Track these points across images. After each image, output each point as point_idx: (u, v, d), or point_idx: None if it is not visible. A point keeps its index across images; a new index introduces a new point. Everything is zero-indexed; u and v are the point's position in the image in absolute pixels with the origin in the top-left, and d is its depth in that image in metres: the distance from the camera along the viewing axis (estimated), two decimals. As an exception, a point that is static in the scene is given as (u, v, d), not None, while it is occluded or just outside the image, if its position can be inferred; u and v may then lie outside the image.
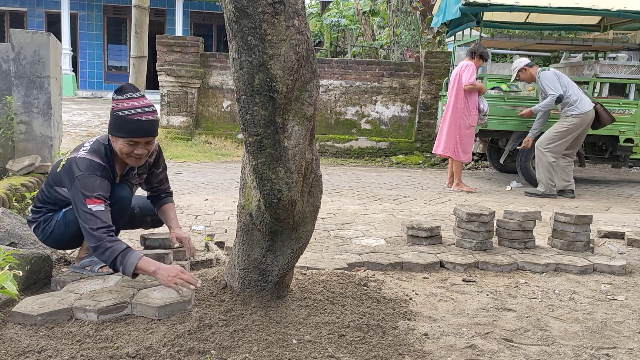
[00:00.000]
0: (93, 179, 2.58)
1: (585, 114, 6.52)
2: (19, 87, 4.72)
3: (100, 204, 2.54)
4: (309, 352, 2.17)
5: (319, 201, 2.48)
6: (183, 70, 10.01)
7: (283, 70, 2.00)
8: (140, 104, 2.62)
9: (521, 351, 2.37)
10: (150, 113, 2.63)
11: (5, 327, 2.26)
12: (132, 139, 2.62)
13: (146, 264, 2.45)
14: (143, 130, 2.62)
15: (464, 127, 6.79)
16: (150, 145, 2.71)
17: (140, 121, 2.59)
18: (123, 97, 2.62)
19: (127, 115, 2.58)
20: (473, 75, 6.66)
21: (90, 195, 2.54)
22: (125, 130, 2.61)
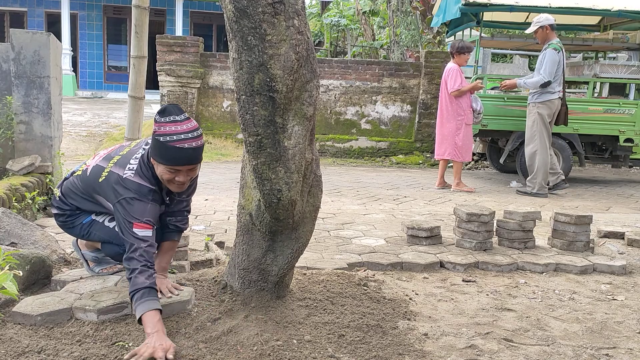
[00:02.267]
0: (143, 204, 2.41)
1: (551, 102, 6.52)
2: (19, 87, 4.72)
3: (149, 230, 2.39)
4: (309, 352, 2.17)
5: (319, 201, 2.48)
6: (183, 70, 10.01)
7: (283, 70, 2.00)
8: (184, 128, 2.37)
9: (521, 351, 2.37)
10: (194, 139, 2.37)
11: (5, 327, 2.26)
12: (173, 167, 2.40)
13: (149, 320, 2.18)
14: (186, 158, 2.38)
15: (462, 128, 6.80)
16: (193, 171, 2.49)
17: (182, 149, 2.34)
18: (166, 119, 2.38)
19: (169, 141, 2.34)
20: (457, 80, 6.67)
21: (140, 219, 2.38)
22: (166, 157, 2.38)
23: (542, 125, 6.54)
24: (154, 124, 2.41)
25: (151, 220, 2.40)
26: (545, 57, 6.48)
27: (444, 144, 6.92)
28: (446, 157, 6.95)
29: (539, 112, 6.53)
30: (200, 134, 2.42)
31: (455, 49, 6.81)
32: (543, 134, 6.57)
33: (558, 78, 6.52)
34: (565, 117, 6.68)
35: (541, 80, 6.42)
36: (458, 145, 6.82)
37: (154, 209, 2.45)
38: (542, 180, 6.66)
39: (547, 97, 6.52)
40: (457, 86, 6.66)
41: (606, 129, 7.48)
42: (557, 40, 6.61)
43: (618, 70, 7.86)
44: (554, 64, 6.42)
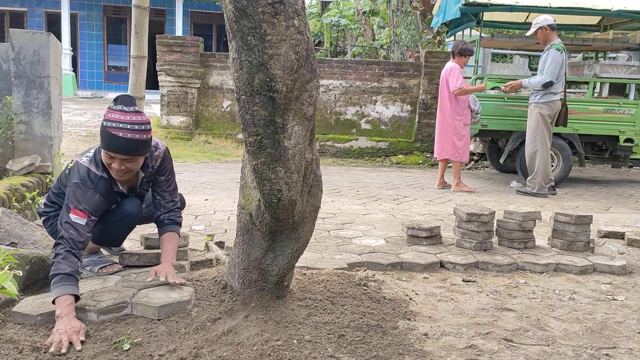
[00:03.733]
0: (84, 190, 2.53)
1: (553, 102, 6.54)
2: (18, 87, 4.72)
3: (83, 218, 2.48)
4: (309, 352, 2.17)
5: (319, 201, 2.48)
6: (183, 70, 10.01)
7: (283, 70, 2.00)
8: (127, 119, 2.48)
9: (521, 351, 2.37)
10: (132, 131, 2.47)
11: (5, 327, 2.26)
12: (107, 152, 2.52)
13: (60, 303, 2.27)
14: (118, 146, 2.48)
15: (460, 128, 6.79)
16: (131, 163, 2.57)
17: (117, 137, 2.45)
18: (116, 107, 2.50)
19: (108, 126, 2.47)
20: (459, 79, 6.65)
21: (77, 206, 2.50)
22: (103, 141, 2.51)
23: (544, 125, 6.54)
24: (107, 109, 2.54)
25: (87, 209, 2.51)
26: (548, 57, 6.46)
27: (442, 144, 6.93)
28: (444, 156, 6.95)
29: (540, 112, 6.52)
30: (145, 129, 2.53)
31: (457, 50, 6.78)
32: (544, 135, 6.56)
33: (561, 79, 6.53)
34: (564, 117, 6.68)
35: (543, 81, 6.40)
36: (456, 145, 6.82)
37: (94, 199, 2.54)
38: (542, 181, 6.65)
39: (549, 97, 6.51)
40: (459, 84, 6.64)
41: (606, 129, 7.48)
42: (558, 40, 6.62)
43: (618, 70, 7.86)
44: (557, 65, 6.40)
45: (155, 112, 12.68)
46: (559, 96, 6.57)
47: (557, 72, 6.40)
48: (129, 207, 2.77)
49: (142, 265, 2.97)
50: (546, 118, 6.53)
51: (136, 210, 2.80)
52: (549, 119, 6.55)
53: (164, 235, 2.78)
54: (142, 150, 2.56)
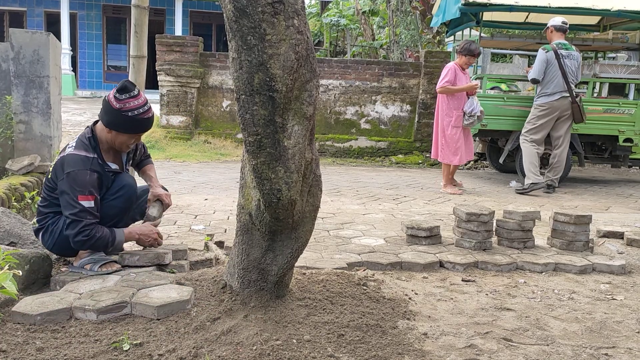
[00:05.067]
0: (83, 174, 2.70)
1: (542, 105, 6.77)
2: (18, 87, 4.72)
3: (91, 200, 2.70)
4: (309, 352, 2.17)
5: (319, 201, 2.48)
6: (182, 70, 10.01)
7: (282, 69, 2.00)
8: (141, 102, 2.84)
9: (520, 351, 2.37)
10: (149, 110, 2.88)
11: (5, 327, 2.26)
12: (136, 135, 2.90)
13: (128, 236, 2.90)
14: (146, 126, 2.90)
15: (447, 129, 6.65)
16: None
17: (145, 119, 2.85)
18: (126, 96, 2.80)
19: (137, 115, 2.80)
20: (445, 77, 6.55)
21: (83, 191, 2.67)
22: (130, 128, 2.84)
23: (535, 120, 6.85)
24: (114, 100, 2.79)
25: (92, 191, 2.72)
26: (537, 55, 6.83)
27: (434, 143, 6.94)
28: (433, 156, 6.96)
29: (534, 112, 6.88)
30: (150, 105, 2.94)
31: (459, 48, 6.70)
32: (536, 132, 6.86)
33: (553, 79, 6.63)
34: (579, 114, 6.76)
35: (529, 77, 6.90)
36: (444, 145, 6.71)
37: (93, 179, 2.75)
38: (529, 172, 6.84)
39: (542, 100, 6.80)
40: (441, 83, 6.58)
41: (606, 129, 7.49)
42: (558, 41, 6.71)
43: (617, 70, 7.86)
44: (539, 63, 6.73)
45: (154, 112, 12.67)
46: (555, 97, 6.69)
47: (538, 70, 6.71)
48: (125, 179, 2.96)
49: (141, 266, 2.97)
50: (537, 118, 6.82)
51: (131, 181, 3.00)
52: (547, 117, 6.77)
53: (146, 167, 3.28)
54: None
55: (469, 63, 6.68)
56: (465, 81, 6.60)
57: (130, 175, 3.07)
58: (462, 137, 6.66)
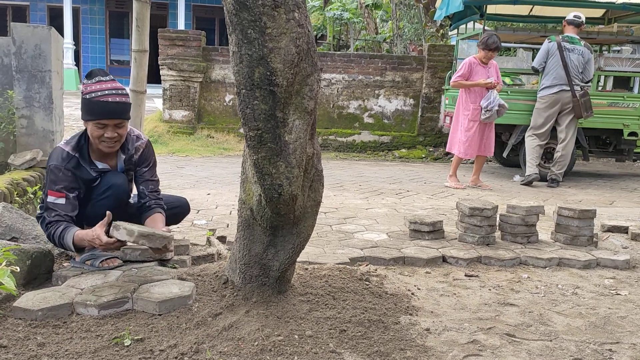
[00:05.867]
0: (57, 171, 2.65)
1: (543, 97, 6.85)
2: (20, 82, 4.71)
3: (61, 197, 2.64)
4: (310, 347, 2.16)
5: (320, 196, 2.47)
6: (185, 64, 9.99)
7: (283, 63, 1.98)
8: (109, 86, 2.65)
9: (524, 346, 2.36)
10: (118, 95, 2.65)
11: (6, 322, 2.26)
12: (99, 121, 2.64)
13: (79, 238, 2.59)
14: (110, 111, 2.63)
15: (464, 122, 6.61)
16: (121, 129, 2.72)
17: (107, 102, 2.61)
18: (92, 80, 2.66)
19: (94, 97, 2.61)
20: (459, 71, 6.53)
21: (53, 187, 2.63)
22: (92, 112, 2.64)
23: (536, 116, 6.93)
24: (82, 85, 2.67)
25: (63, 188, 2.64)
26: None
27: (451, 137, 6.87)
28: (451, 150, 6.88)
29: (536, 105, 6.97)
30: (126, 93, 2.71)
31: (479, 42, 6.62)
32: (535, 125, 6.94)
33: (553, 70, 6.65)
34: (579, 110, 6.71)
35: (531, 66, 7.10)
36: (461, 140, 6.66)
37: (67, 176, 2.66)
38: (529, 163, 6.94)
39: (543, 92, 6.89)
40: (454, 77, 6.59)
41: (610, 123, 7.45)
42: (565, 34, 6.77)
43: (622, 63, 7.81)
44: (541, 52, 6.88)
45: (157, 107, 12.67)
46: (554, 90, 6.73)
47: (539, 59, 6.88)
48: (113, 178, 2.82)
49: (143, 261, 2.96)
50: (540, 111, 6.89)
51: (120, 181, 2.85)
52: (543, 112, 6.85)
53: (153, 215, 2.89)
54: (129, 112, 2.73)
55: (487, 57, 6.51)
56: (484, 75, 6.48)
57: (119, 174, 2.88)
58: (478, 131, 6.55)
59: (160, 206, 2.96)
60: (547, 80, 6.79)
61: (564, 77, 6.63)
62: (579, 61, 6.67)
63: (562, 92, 6.67)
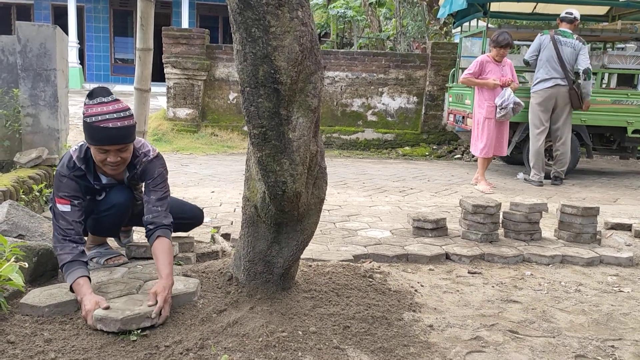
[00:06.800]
0: (62, 178, 2.56)
1: (543, 91, 6.75)
2: (25, 80, 4.73)
3: (66, 205, 2.52)
4: (314, 344, 2.18)
5: (324, 193, 2.49)
6: (189, 62, 10.01)
7: (287, 61, 2.00)
8: (110, 109, 2.48)
9: (526, 343, 2.37)
10: (119, 119, 2.47)
11: (13, 319, 2.28)
12: (101, 147, 2.50)
13: (77, 289, 2.34)
14: (111, 137, 2.47)
15: (480, 121, 6.48)
16: (125, 152, 2.57)
17: (107, 128, 2.45)
18: (93, 101, 2.50)
19: (94, 122, 2.45)
20: (469, 69, 6.47)
21: (58, 194, 2.55)
22: (93, 138, 2.49)
23: (532, 114, 6.88)
24: (84, 106, 2.52)
25: (67, 195, 2.53)
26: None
27: (472, 138, 6.78)
28: (473, 151, 6.81)
29: (531, 101, 6.87)
30: (129, 115, 2.53)
31: (490, 40, 6.53)
32: (534, 123, 6.88)
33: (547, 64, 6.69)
34: (577, 100, 6.73)
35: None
36: (479, 140, 6.53)
37: (71, 185, 2.56)
38: (534, 168, 6.90)
39: (537, 87, 6.83)
40: (464, 74, 6.54)
41: (614, 120, 7.43)
42: (559, 29, 6.80)
43: (626, 60, 7.79)
44: (533, 45, 6.90)
45: (161, 105, 12.70)
46: (548, 84, 6.69)
47: (530, 51, 6.88)
48: (117, 197, 2.75)
49: (148, 257, 2.98)
50: (535, 107, 6.82)
51: (124, 200, 2.76)
52: (539, 107, 6.79)
53: (154, 246, 2.55)
54: (132, 135, 2.58)
55: (499, 54, 6.39)
56: (498, 73, 6.38)
57: (123, 191, 2.78)
58: (494, 129, 6.42)
59: (163, 227, 2.62)
60: (541, 74, 6.74)
61: (559, 70, 6.60)
62: (572, 54, 6.63)
63: (558, 86, 6.63)
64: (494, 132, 6.45)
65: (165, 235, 2.58)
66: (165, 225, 2.62)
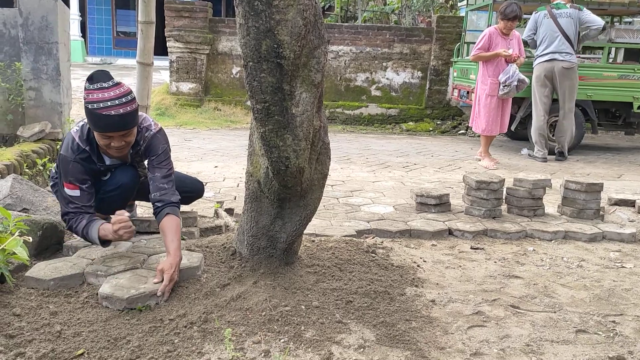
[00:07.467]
0: (67, 162, 2.55)
1: (539, 65, 6.74)
2: (27, 53, 4.71)
3: (75, 190, 2.56)
4: (317, 318, 2.20)
5: (327, 168, 2.48)
6: (192, 36, 9.92)
7: (290, 36, 1.98)
8: (111, 95, 2.41)
9: (528, 317, 2.39)
10: (121, 105, 2.41)
11: (19, 292, 2.30)
12: (104, 133, 2.46)
13: (104, 233, 2.52)
14: (114, 124, 2.42)
15: (482, 97, 6.37)
16: (128, 137, 2.54)
17: (109, 116, 2.39)
18: (93, 86, 2.43)
19: (96, 109, 2.39)
20: (478, 44, 6.30)
21: (65, 178, 2.56)
22: (96, 125, 2.45)
23: (534, 87, 6.83)
24: (84, 91, 2.46)
25: (75, 180, 2.55)
26: None
27: (472, 114, 6.70)
28: (473, 127, 6.74)
29: (532, 77, 6.82)
30: (131, 99, 2.48)
31: (499, 12, 6.35)
32: (534, 98, 6.87)
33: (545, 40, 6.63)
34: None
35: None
36: (480, 116, 6.43)
37: (77, 169, 2.56)
38: (537, 144, 6.89)
39: (536, 61, 6.82)
40: (473, 50, 6.38)
41: (620, 96, 7.36)
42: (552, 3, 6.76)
43: (634, 35, 7.70)
44: (529, 24, 6.89)
45: (164, 79, 12.63)
46: (546, 57, 6.64)
47: (527, 31, 6.83)
48: (122, 177, 2.73)
49: (152, 232, 3.00)
50: (533, 82, 6.80)
51: (129, 179, 2.75)
52: (536, 82, 6.78)
53: (162, 223, 2.53)
54: (135, 119, 2.53)
55: (507, 27, 6.18)
56: (504, 47, 6.20)
57: (128, 171, 2.75)
58: (497, 107, 6.29)
59: (169, 203, 2.60)
60: (539, 50, 6.72)
61: (557, 45, 6.52)
62: (570, 23, 6.53)
63: (555, 61, 6.55)
64: (496, 109, 6.31)
65: (174, 212, 2.57)
66: (173, 203, 2.61)
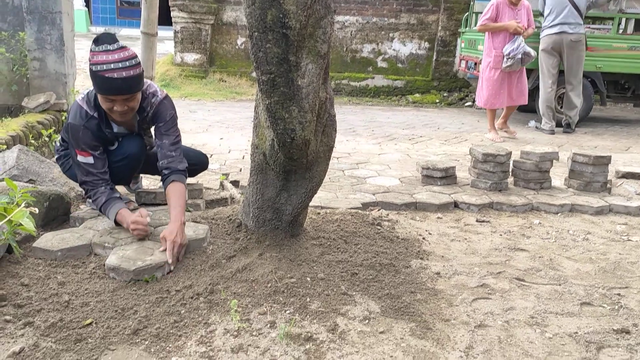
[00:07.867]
0: (76, 129, 2.55)
1: (547, 36, 6.65)
2: (31, 23, 4.67)
3: (88, 157, 2.57)
4: (322, 290, 2.21)
5: (333, 141, 2.47)
6: (196, 5, 9.80)
7: (296, 5, 1.94)
8: (115, 58, 2.40)
9: (532, 290, 2.39)
10: (125, 69, 2.41)
11: (27, 262, 2.32)
12: (107, 96, 2.46)
13: (121, 220, 2.53)
14: (117, 88, 2.42)
15: (485, 70, 6.26)
16: (132, 102, 2.53)
17: (112, 79, 2.39)
18: (99, 48, 2.42)
19: (99, 71, 2.39)
20: (485, 14, 6.12)
21: (77, 146, 2.56)
22: (99, 87, 2.44)
23: (539, 61, 6.74)
24: (89, 53, 2.46)
25: (87, 147, 2.57)
26: None
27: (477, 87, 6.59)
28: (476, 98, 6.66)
29: (539, 48, 6.71)
30: (135, 64, 2.47)
31: None
32: (542, 70, 6.78)
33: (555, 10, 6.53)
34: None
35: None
36: (483, 89, 6.32)
37: (87, 136, 2.57)
38: (544, 116, 6.85)
39: (543, 33, 6.72)
40: (480, 20, 6.21)
41: (630, 67, 7.27)
42: None
43: (645, 5, 7.56)
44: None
45: (169, 50, 12.53)
46: (555, 29, 6.55)
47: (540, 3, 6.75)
48: (130, 147, 2.74)
49: (158, 204, 3.00)
50: (541, 53, 6.69)
51: (137, 149, 2.76)
52: (543, 54, 6.69)
53: (170, 186, 2.59)
54: (139, 84, 2.53)
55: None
56: (512, 17, 6.05)
57: (135, 140, 2.77)
58: (500, 80, 6.14)
59: (176, 170, 2.65)
60: (548, 21, 6.61)
61: (565, 15, 6.42)
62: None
63: (564, 33, 6.45)
64: (498, 82, 6.17)
65: (180, 180, 2.63)
66: (180, 170, 2.66)
